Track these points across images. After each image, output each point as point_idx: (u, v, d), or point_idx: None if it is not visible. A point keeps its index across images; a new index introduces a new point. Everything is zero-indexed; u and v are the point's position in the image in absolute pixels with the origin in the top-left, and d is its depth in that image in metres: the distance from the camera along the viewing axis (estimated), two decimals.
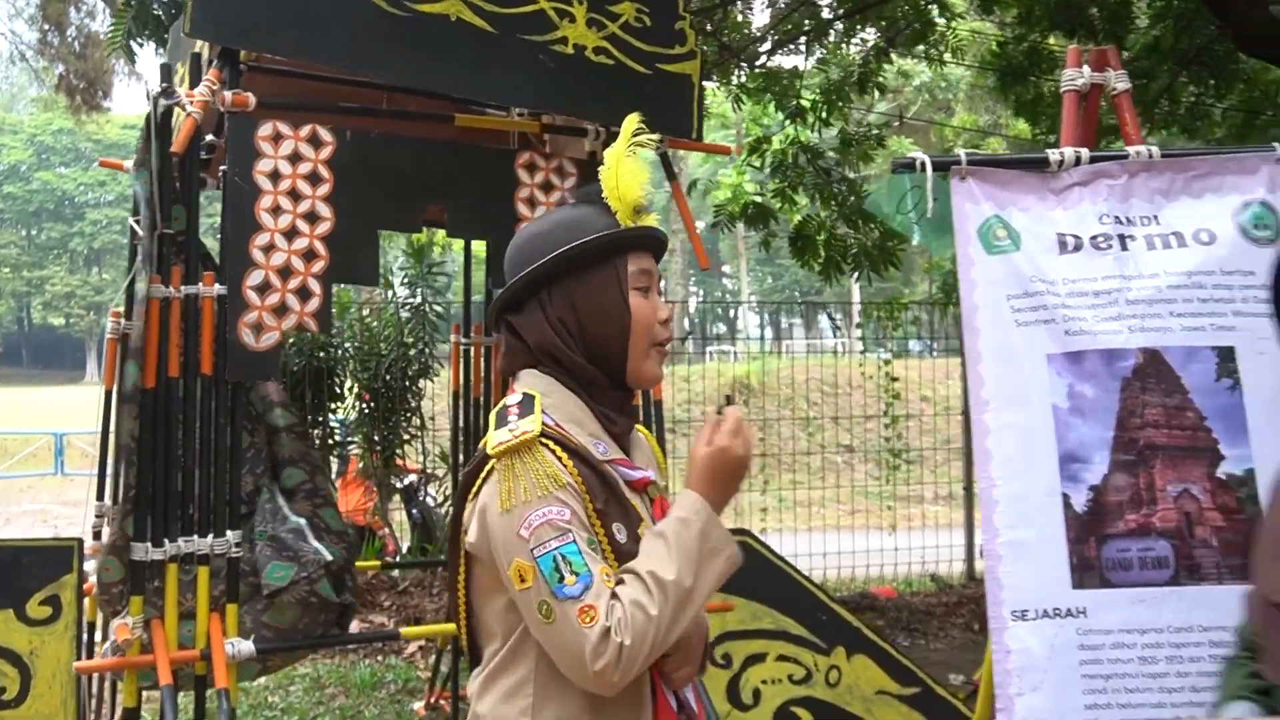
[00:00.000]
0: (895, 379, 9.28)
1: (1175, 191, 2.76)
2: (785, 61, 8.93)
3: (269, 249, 3.32)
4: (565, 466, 1.86)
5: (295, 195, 3.37)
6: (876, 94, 8.78)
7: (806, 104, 8.43)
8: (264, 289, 3.31)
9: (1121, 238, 2.72)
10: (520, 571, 1.82)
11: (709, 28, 8.29)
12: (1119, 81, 2.88)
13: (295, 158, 3.38)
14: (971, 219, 2.73)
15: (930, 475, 10.92)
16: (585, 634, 1.78)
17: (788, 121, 8.57)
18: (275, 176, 3.35)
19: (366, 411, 8.34)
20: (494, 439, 1.88)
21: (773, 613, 4.62)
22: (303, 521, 3.49)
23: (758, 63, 8.69)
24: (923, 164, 2.75)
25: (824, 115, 8.30)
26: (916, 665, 4.86)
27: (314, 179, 3.40)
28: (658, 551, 1.88)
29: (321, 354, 7.99)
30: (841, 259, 8.44)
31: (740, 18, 8.79)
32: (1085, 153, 2.79)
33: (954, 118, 19.89)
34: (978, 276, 2.71)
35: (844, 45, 8.93)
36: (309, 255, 3.37)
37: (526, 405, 1.92)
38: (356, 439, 8.56)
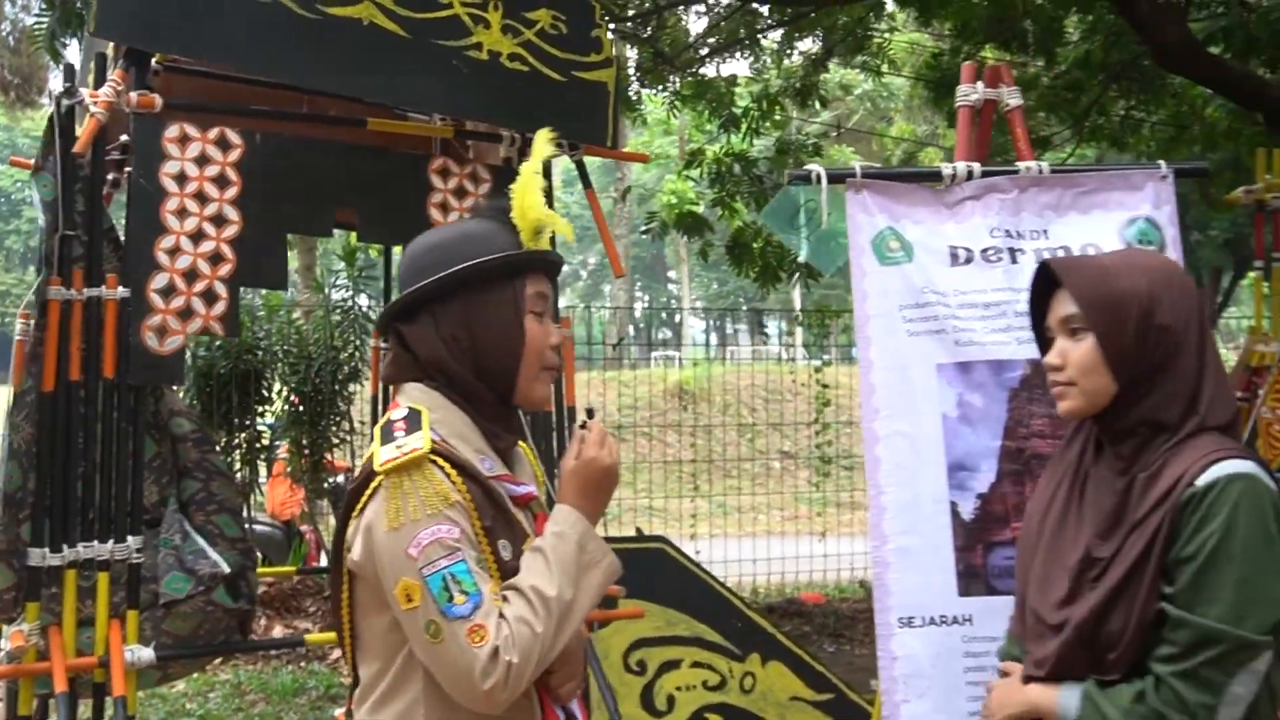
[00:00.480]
0: (826, 385, 9.35)
1: (1064, 207, 2.81)
2: (724, 69, 8.97)
3: (174, 252, 3.29)
4: (454, 484, 1.85)
5: (202, 198, 3.33)
6: (817, 104, 8.87)
7: (739, 112, 8.48)
8: (168, 292, 3.27)
9: (1011, 251, 2.76)
10: (407, 591, 1.81)
11: (645, 34, 8.33)
12: (1012, 98, 2.93)
13: (203, 160, 3.35)
14: (865, 231, 2.76)
15: (865, 481, 11.01)
16: (475, 654, 1.77)
17: (721, 130, 8.63)
18: (182, 179, 3.31)
19: (295, 415, 8.26)
20: (381, 455, 1.86)
21: (688, 619, 4.64)
22: (203, 542, 3.45)
23: (694, 70, 8.74)
24: (818, 176, 2.78)
25: (756, 124, 8.35)
26: (832, 672, 4.91)
27: (222, 182, 3.36)
28: (538, 567, 1.88)
29: (249, 356, 7.91)
30: (778, 266, 8.51)
31: (679, 22, 8.83)
32: (977, 167, 2.83)
33: (893, 127, 20.09)
34: (870, 287, 2.74)
35: (783, 55, 9.00)
36: (215, 258, 3.34)
37: (413, 421, 1.90)
38: (285, 442, 8.48)
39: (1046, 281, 2.14)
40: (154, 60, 3.58)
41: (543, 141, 2.09)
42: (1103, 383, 2.02)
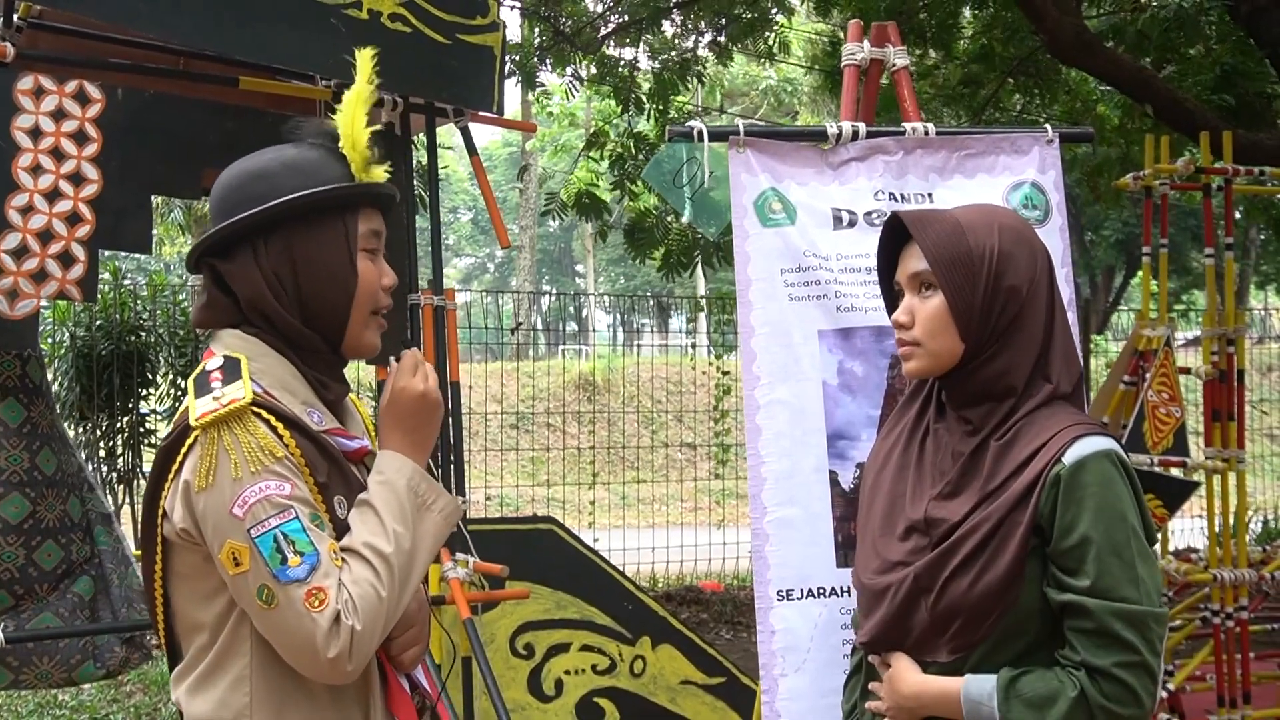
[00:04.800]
0: (727, 373, 9.32)
1: (950, 170, 2.76)
2: (625, 53, 8.90)
3: (27, 210, 3.10)
4: (281, 437, 1.71)
5: (59, 154, 3.15)
6: (699, 85, 8.85)
7: (643, 95, 8.42)
8: (21, 253, 3.09)
9: None
10: (235, 554, 1.66)
11: (544, 13, 8.21)
12: (898, 57, 2.86)
13: (59, 114, 3.17)
14: (748, 191, 2.67)
15: None
16: (315, 620, 1.63)
17: (624, 112, 8.55)
18: (36, 133, 3.13)
19: (182, 399, 8.01)
20: (197, 408, 1.70)
21: (578, 602, 4.54)
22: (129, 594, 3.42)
23: (595, 51, 8.65)
24: (700, 133, 2.70)
25: (657, 107, 8.29)
26: (728, 657, 4.85)
27: (80, 138, 3.19)
28: (369, 522, 1.75)
29: (132, 338, 7.65)
30: (679, 253, 8.44)
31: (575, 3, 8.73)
32: (863, 127, 2.77)
33: (798, 120, 20.21)
34: (752, 250, 2.65)
35: (680, 38, 8.96)
36: (73, 219, 3.17)
37: (231, 370, 1.74)
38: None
39: (896, 235, 2.07)
40: (16, 15, 3.40)
41: (365, 64, 1.92)
42: (950, 343, 1.95)
